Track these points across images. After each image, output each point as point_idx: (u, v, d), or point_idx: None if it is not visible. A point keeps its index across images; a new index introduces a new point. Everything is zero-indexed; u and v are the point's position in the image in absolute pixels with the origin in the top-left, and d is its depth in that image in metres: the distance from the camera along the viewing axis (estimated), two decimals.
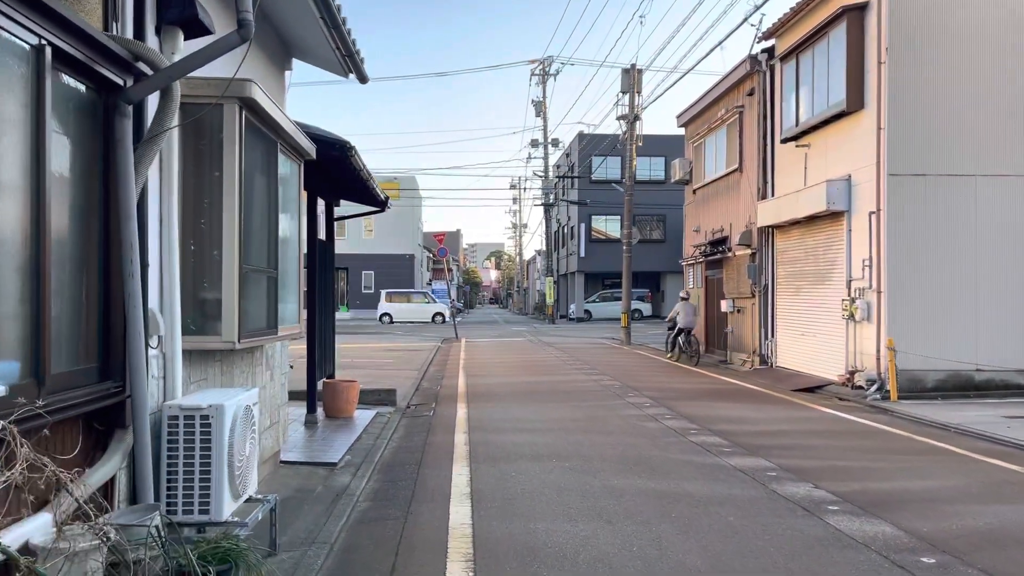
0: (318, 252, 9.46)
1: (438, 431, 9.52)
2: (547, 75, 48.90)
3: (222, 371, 5.28)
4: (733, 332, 19.19)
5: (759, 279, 17.54)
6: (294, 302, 6.38)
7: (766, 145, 17.40)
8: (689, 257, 22.54)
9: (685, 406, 11.56)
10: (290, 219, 6.27)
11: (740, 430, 9.49)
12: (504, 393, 13.26)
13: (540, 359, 20.42)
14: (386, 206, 10.65)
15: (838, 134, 14.26)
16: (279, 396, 6.95)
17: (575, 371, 17.07)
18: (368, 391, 11.60)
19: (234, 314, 4.59)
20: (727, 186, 19.61)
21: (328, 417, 9.89)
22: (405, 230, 51.07)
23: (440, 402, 12.28)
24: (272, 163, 5.55)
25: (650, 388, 13.83)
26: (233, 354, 5.45)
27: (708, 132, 20.88)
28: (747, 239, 17.93)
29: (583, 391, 13.44)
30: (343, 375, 15.24)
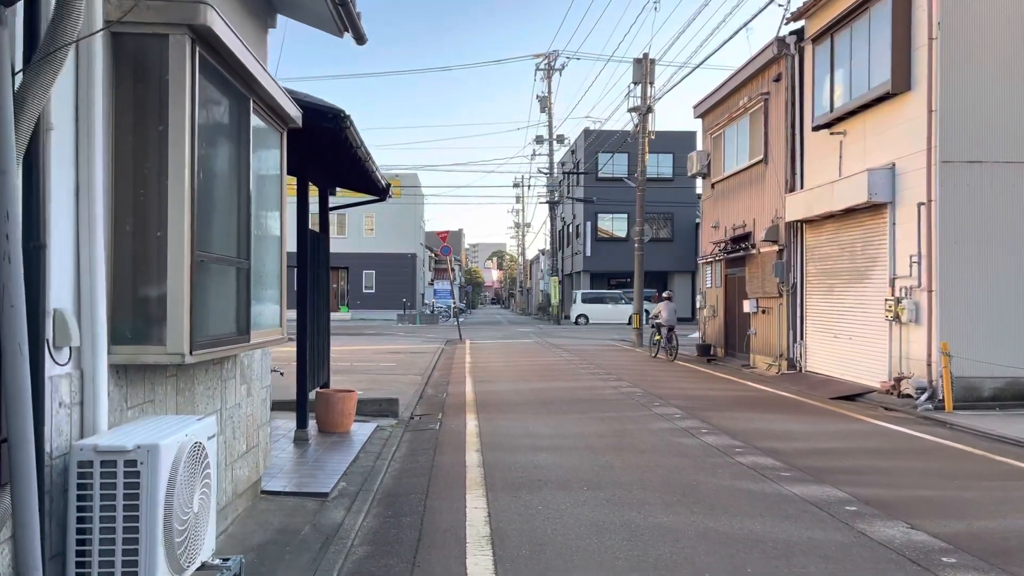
0: (310, 245, 8.29)
1: (446, 449, 8.34)
2: (552, 70, 47.76)
3: (178, 390, 4.11)
4: (756, 334, 18.01)
5: (787, 278, 16.36)
6: (275, 301, 5.21)
7: (795, 134, 16.22)
8: (707, 255, 21.36)
9: (720, 418, 10.38)
10: (270, 200, 5.11)
11: (790, 448, 8.31)
12: (516, 402, 12.08)
13: (550, 362, 19.24)
14: (387, 194, 9.49)
15: (880, 119, 13.07)
16: (259, 415, 5.78)
17: (590, 376, 15.89)
18: (367, 401, 10.43)
19: (183, 316, 3.42)
20: (750, 179, 18.43)
21: (322, 432, 8.71)
22: (407, 229, 49.89)
23: (447, 412, 11.11)
24: (243, 125, 4.38)
25: (676, 396, 12.65)
26: (193, 368, 4.28)
27: (728, 122, 19.69)
28: (774, 235, 16.75)
29: (603, 399, 12.26)
30: (341, 381, 14.08)
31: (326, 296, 9.26)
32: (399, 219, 49.14)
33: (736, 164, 19.31)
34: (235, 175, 4.30)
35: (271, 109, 4.88)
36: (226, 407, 4.96)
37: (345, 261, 48.80)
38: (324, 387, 9.38)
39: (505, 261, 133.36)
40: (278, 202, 5.26)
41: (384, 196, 9.47)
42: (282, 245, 5.31)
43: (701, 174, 21.75)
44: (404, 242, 49.64)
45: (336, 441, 8.31)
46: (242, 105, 4.36)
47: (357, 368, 17.10)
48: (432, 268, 71.88)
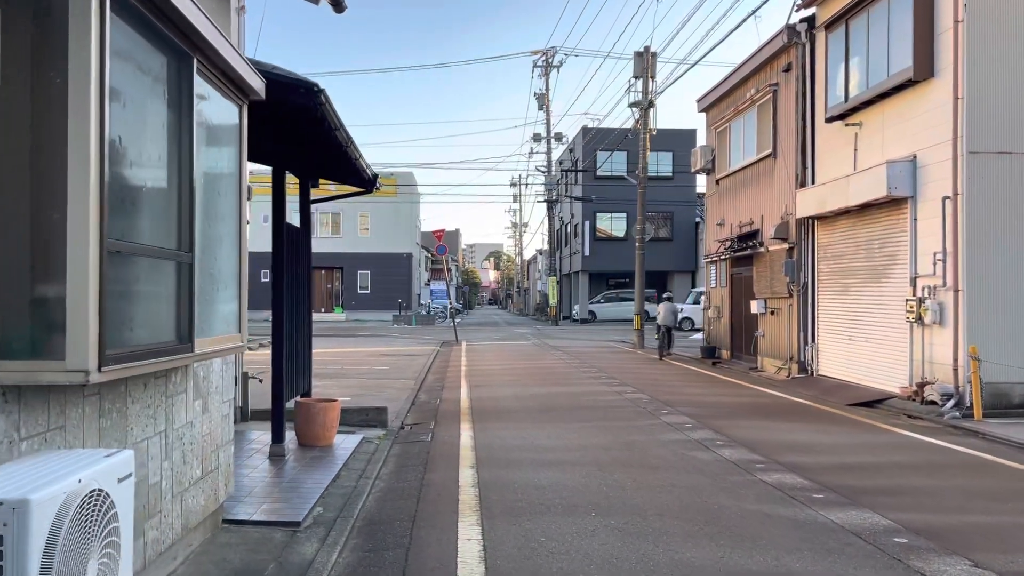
0: (287, 240, 7.53)
1: (438, 465, 7.57)
2: (550, 67, 47.01)
3: (101, 411, 3.34)
4: (764, 336, 17.26)
5: (797, 277, 15.61)
6: (232, 302, 4.45)
7: (805, 126, 15.47)
8: (712, 254, 20.61)
9: (735, 427, 9.62)
10: (225, 184, 4.34)
11: (816, 463, 7.55)
12: (515, 409, 11.31)
13: (550, 365, 18.47)
14: (374, 186, 8.73)
15: (899, 108, 12.33)
16: (219, 433, 5.01)
17: (592, 380, 15.13)
18: (354, 410, 9.66)
19: (87, 323, 2.66)
20: (758, 174, 17.68)
21: (301, 446, 7.94)
22: (403, 228, 49.12)
23: (440, 421, 10.34)
24: (185, 89, 3.62)
25: (684, 402, 11.89)
26: (126, 383, 3.52)
27: (735, 115, 18.94)
28: (783, 232, 16.00)
29: (607, 406, 11.50)
30: (330, 386, 13.33)
31: (307, 296, 8.50)
32: (395, 218, 48.38)
33: (742, 159, 18.57)
34: (173, 149, 3.54)
35: (224, 75, 4.12)
36: (173, 428, 4.19)
37: (340, 261, 48.04)
38: (305, 396, 8.60)
39: (502, 262, 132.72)
40: (236, 187, 4.50)
41: (371, 188, 8.71)
42: (241, 237, 4.54)
43: (705, 170, 21.00)
44: (400, 242, 48.87)
45: (316, 456, 7.53)
46: (183, 64, 3.60)
47: (348, 372, 16.34)
48: (429, 268, 71.07)
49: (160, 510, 4.01)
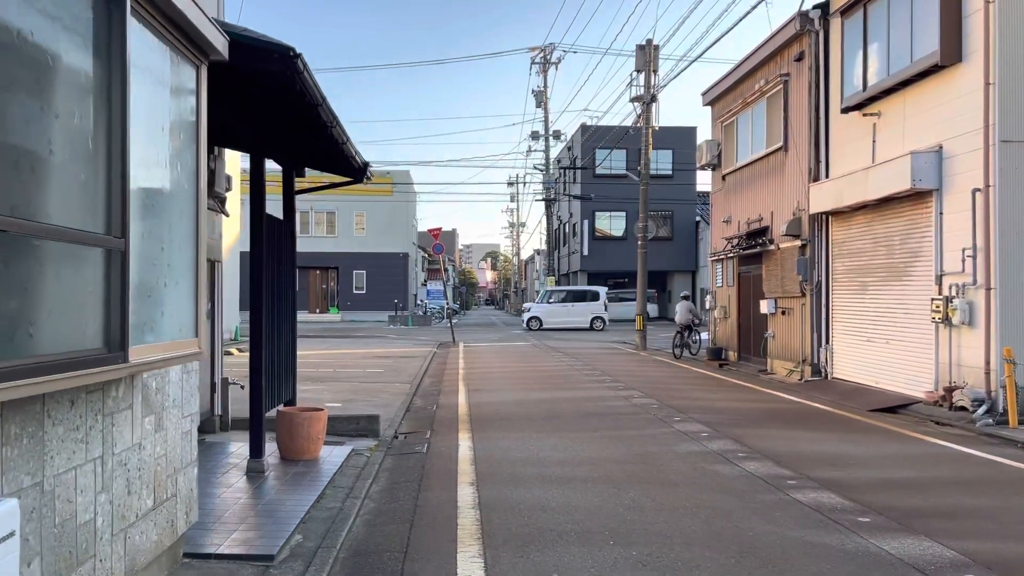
0: (267, 234, 6.80)
1: (434, 482, 6.85)
2: (548, 63, 46.35)
3: (4, 438, 2.61)
4: (775, 337, 16.56)
5: (811, 275, 14.91)
6: (187, 301, 3.73)
7: (819, 118, 14.78)
8: (718, 252, 19.91)
9: (755, 436, 8.91)
10: (176, 157, 3.62)
11: (853, 479, 6.85)
12: (517, 416, 10.59)
13: (551, 368, 17.76)
14: (364, 175, 8.00)
15: (923, 96, 11.64)
16: (178, 454, 4.28)
17: (596, 384, 14.41)
18: (343, 418, 8.94)
19: None
20: (767, 168, 16.98)
21: (284, 460, 7.22)
22: (399, 228, 48.37)
23: (437, 430, 9.62)
24: (115, 33, 2.90)
25: (696, 408, 11.18)
26: (44, 400, 2.79)
27: (742, 108, 18.24)
28: (795, 228, 15.30)
29: (615, 413, 10.78)
30: (320, 391, 12.59)
31: (291, 296, 7.77)
32: (391, 218, 47.65)
33: (751, 153, 17.87)
34: (100, 109, 2.82)
35: (173, 25, 3.39)
36: (113, 452, 3.47)
37: (335, 261, 47.30)
38: (289, 404, 7.87)
39: (499, 262, 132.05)
40: (192, 163, 3.78)
41: (360, 177, 7.98)
42: (198, 223, 3.82)
43: (711, 165, 20.30)
44: (396, 241, 48.13)
45: (299, 472, 6.80)
46: (113, 2, 2.87)
47: (340, 375, 15.61)
48: (425, 268, 70.30)
49: (94, 554, 3.29)
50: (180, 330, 3.63)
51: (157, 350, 3.31)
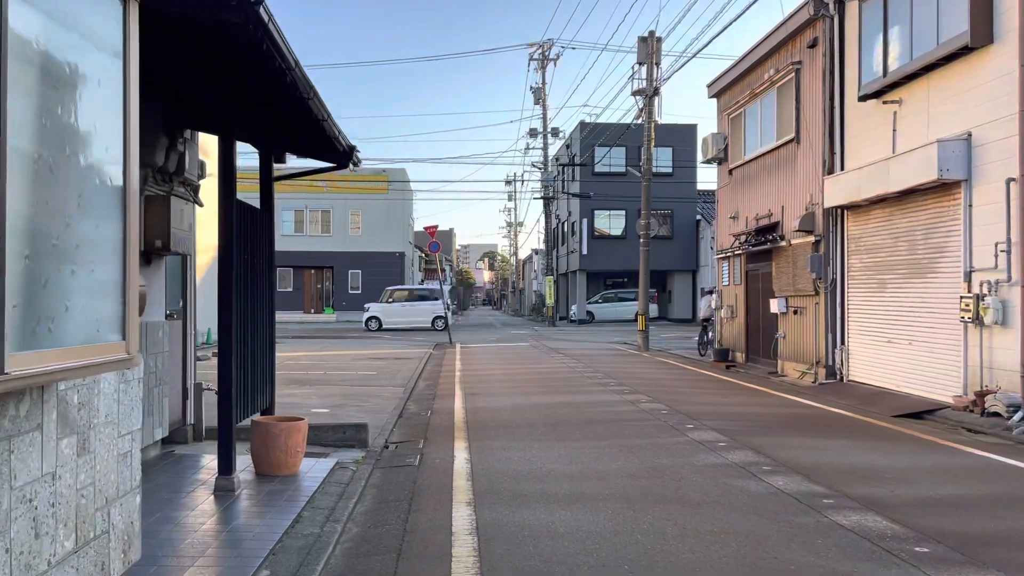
0: (239, 222, 6.05)
1: (427, 501, 6.11)
2: (547, 60, 45.61)
3: None
4: (786, 337, 15.83)
5: (825, 273, 14.19)
6: (108, 292, 2.99)
7: (833, 107, 14.06)
8: (725, 249, 19.18)
9: (776, 446, 8.18)
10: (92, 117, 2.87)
11: (895, 497, 6.12)
12: (517, 422, 9.85)
13: (551, 370, 17.02)
14: (350, 159, 7.26)
15: (950, 81, 10.92)
16: (111, 481, 3.54)
17: (599, 387, 13.68)
18: (328, 427, 8.20)
19: None
20: (778, 161, 16.26)
21: (259, 476, 6.47)
22: (395, 226, 47.60)
23: (431, 439, 8.88)
24: None
25: (708, 414, 10.45)
26: None
27: (751, 99, 17.52)
28: (808, 224, 14.58)
29: (622, 419, 10.05)
30: (309, 395, 11.84)
31: (268, 293, 7.02)
32: (387, 216, 46.90)
33: (760, 146, 17.14)
34: None
35: None
36: (13, 486, 2.73)
37: (330, 260, 46.53)
38: (267, 413, 7.13)
39: (497, 262, 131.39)
40: (119, 126, 3.03)
41: (345, 162, 7.25)
42: (127, 200, 3.07)
43: (717, 159, 19.58)
44: (392, 241, 47.37)
45: (275, 491, 6.06)
46: None
47: (330, 378, 14.86)
48: (423, 268, 69.55)
49: None
50: (98, 330, 2.90)
51: (59, 357, 2.58)
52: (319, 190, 46.43)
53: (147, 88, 6.44)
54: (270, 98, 5.48)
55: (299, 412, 10.53)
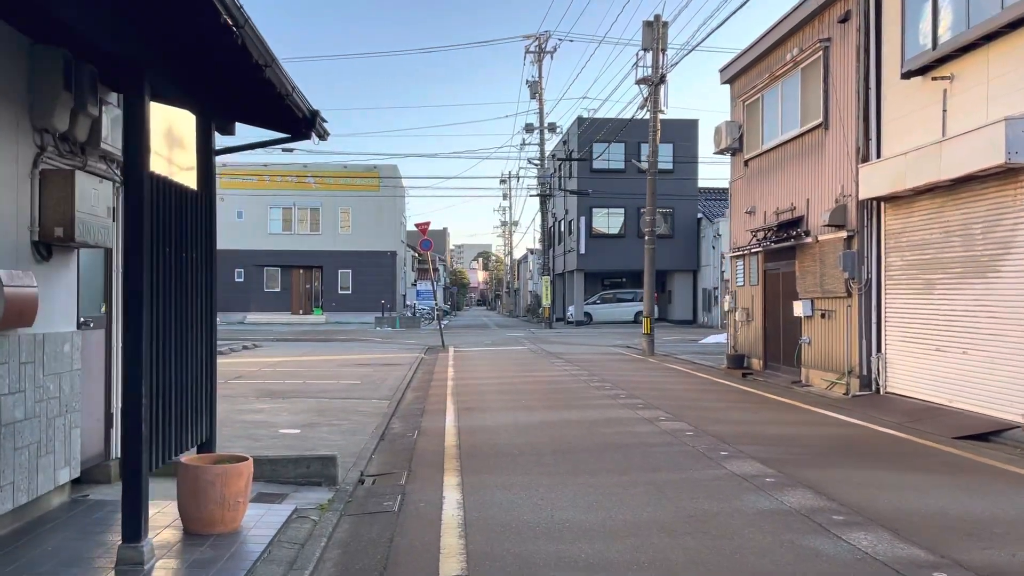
0: (154, 205, 4.54)
1: (408, 568, 4.60)
2: (543, 52, 44.14)
3: None
4: (811, 343, 14.37)
5: (859, 271, 12.73)
6: None
7: (869, 87, 12.60)
8: (739, 247, 17.71)
9: (835, 481, 6.70)
10: None
11: (1021, 564, 4.64)
12: (519, 449, 8.35)
13: (553, 379, 15.53)
14: (312, 128, 5.76)
15: (1014, 52, 9.46)
16: None
17: (609, 400, 12.19)
18: (288, 461, 6.69)
19: None
20: (802, 150, 14.80)
21: (188, 534, 4.96)
22: (387, 224, 46.03)
23: (416, 470, 7.38)
24: None
25: (740, 435, 8.97)
26: None
27: (770, 82, 16.05)
28: (839, 218, 13.12)
29: (643, 444, 8.56)
30: (277, 410, 10.27)
31: (206, 296, 5.50)
32: (378, 214, 45.35)
33: (780, 134, 15.68)
34: None
35: None
36: None
37: (319, 260, 44.97)
38: (205, 449, 5.61)
39: (491, 262, 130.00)
40: None
41: (306, 130, 5.75)
42: None
43: (731, 150, 18.11)
44: (383, 239, 45.80)
45: (203, 561, 4.54)
46: None
47: (308, 389, 13.35)
48: (415, 268, 68.02)
49: None
50: None
51: None
52: (308, 187, 44.88)
53: (40, 27, 4.94)
54: (202, 44, 3.98)
55: (263, 432, 9.03)
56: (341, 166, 45.20)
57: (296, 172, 44.96)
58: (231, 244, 44.63)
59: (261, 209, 44.79)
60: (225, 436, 8.68)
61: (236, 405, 11.18)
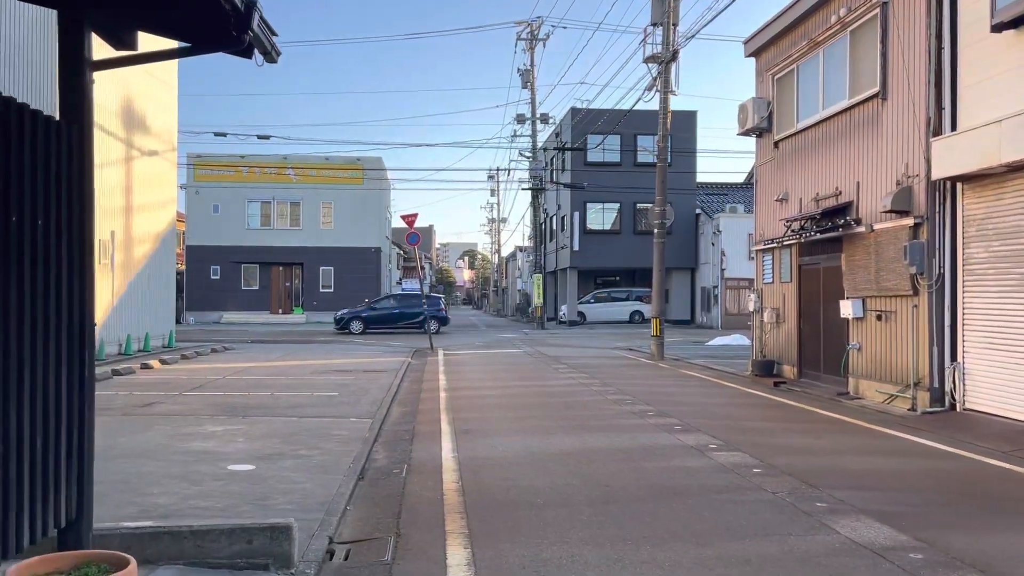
0: None
1: None
2: (535, 39, 42.03)
3: None
4: (862, 349, 12.40)
5: (928, 265, 10.76)
6: None
7: (942, 47, 10.63)
8: (768, 239, 15.71)
9: (1007, 558, 4.68)
10: None
11: None
12: (544, 495, 6.28)
13: (562, 389, 13.47)
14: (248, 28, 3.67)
15: None
16: None
17: (636, 419, 10.15)
18: (220, 533, 4.58)
19: None
20: (851, 125, 12.81)
21: None
22: (370, 219, 43.79)
23: (407, 536, 5.30)
24: None
25: (823, 473, 6.95)
26: None
27: (809, 51, 14.05)
28: (904, 202, 11.13)
29: (704, 487, 6.51)
30: (234, 432, 8.01)
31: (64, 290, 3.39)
32: (362, 209, 43.13)
33: (822, 109, 13.68)
34: None
35: None
36: None
37: (299, 256, 42.69)
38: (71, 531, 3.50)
39: (477, 261, 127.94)
40: None
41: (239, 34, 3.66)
42: None
43: (757, 131, 16.11)
44: (367, 235, 43.57)
45: None
46: None
47: (277, 402, 11.24)
48: (401, 266, 65.80)
49: None
50: None
51: None
52: (288, 180, 42.60)
53: None
54: None
55: (207, 470, 6.92)
56: (323, 158, 43.00)
57: (275, 164, 42.69)
58: (207, 240, 42.33)
59: (238, 203, 42.49)
60: (151, 478, 6.57)
61: (182, 428, 9.07)
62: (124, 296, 19.22)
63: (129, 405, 10.87)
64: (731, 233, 37.95)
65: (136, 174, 20.15)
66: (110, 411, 10.22)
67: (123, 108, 19.20)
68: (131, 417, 9.83)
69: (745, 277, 38.65)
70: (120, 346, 19.01)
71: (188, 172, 41.91)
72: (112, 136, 18.53)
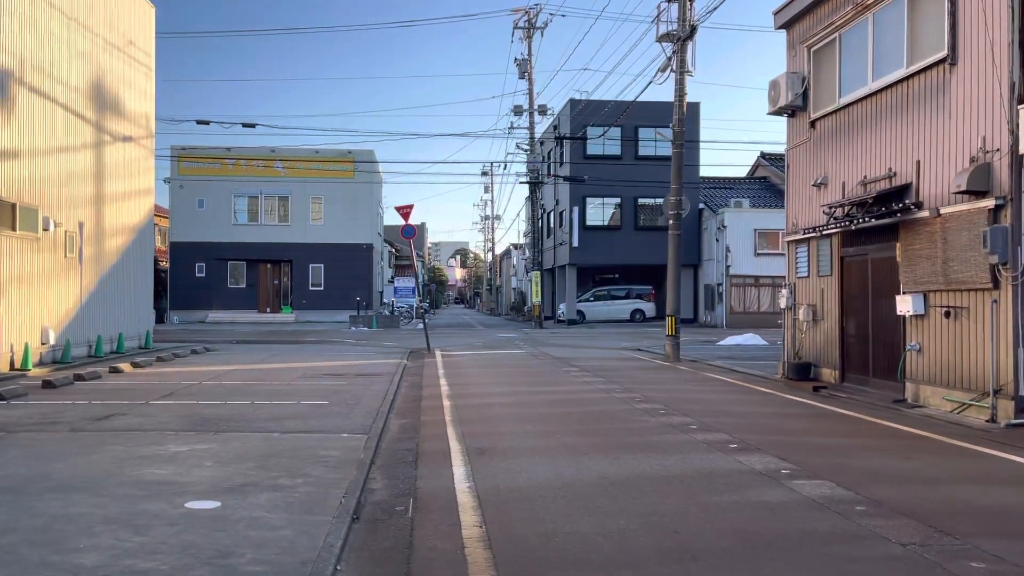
0: None
1: None
2: (533, 28, 40.49)
3: None
4: (922, 351, 10.92)
5: (1013, 254, 9.28)
6: None
7: None
8: (804, 228, 14.20)
9: None
10: None
11: None
12: (600, 552, 4.76)
13: (579, 396, 11.94)
14: None
15: None
16: None
17: (679, 434, 8.63)
18: None
19: None
20: (908, 98, 11.32)
21: None
22: (362, 215, 42.16)
23: None
24: None
25: (942, 511, 5.47)
26: None
27: (855, 15, 12.56)
28: (981, 181, 9.65)
29: (805, 532, 5.00)
30: (200, 453, 6.32)
31: None
32: (353, 204, 41.52)
33: (871, 81, 12.19)
34: None
35: None
36: None
37: (288, 253, 41.05)
38: None
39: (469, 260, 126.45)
40: None
41: None
42: None
43: (790, 109, 14.62)
44: (359, 231, 41.94)
45: None
46: None
47: (257, 413, 9.69)
48: (393, 264, 64.17)
49: None
50: None
51: None
52: (276, 174, 40.93)
53: None
54: None
55: (157, 509, 5.28)
56: (312, 151, 41.34)
57: (263, 157, 41.03)
58: (192, 236, 40.59)
59: (224, 198, 40.81)
60: (82, 523, 5.00)
61: (138, 448, 7.50)
62: (94, 293, 17.61)
63: (82, 418, 9.28)
64: (736, 229, 36.56)
65: (109, 161, 18.53)
66: (56, 426, 8.65)
67: (92, 87, 17.57)
68: (79, 434, 8.25)
69: (751, 274, 37.23)
70: (90, 347, 17.40)
71: (172, 166, 40.21)
72: (79, 118, 16.90)
